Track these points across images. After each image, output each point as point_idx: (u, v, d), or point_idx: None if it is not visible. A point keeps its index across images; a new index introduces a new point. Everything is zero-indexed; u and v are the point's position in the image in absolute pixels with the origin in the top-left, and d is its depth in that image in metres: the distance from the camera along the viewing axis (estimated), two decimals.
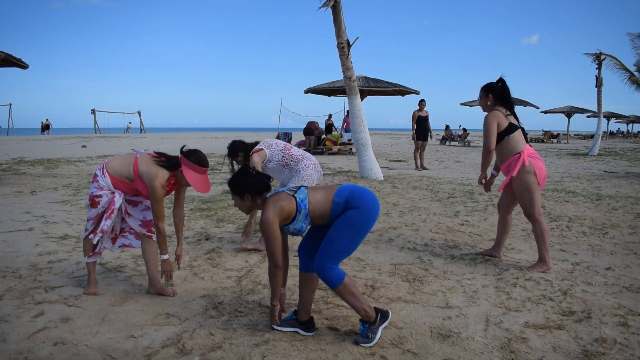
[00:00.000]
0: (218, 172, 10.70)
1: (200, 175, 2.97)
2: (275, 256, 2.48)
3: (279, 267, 2.50)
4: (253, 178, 2.57)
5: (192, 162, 2.95)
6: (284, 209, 2.47)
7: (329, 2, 8.90)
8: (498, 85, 3.85)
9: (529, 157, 3.73)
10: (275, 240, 2.46)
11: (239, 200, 2.61)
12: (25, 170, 10.58)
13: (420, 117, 11.93)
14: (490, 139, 3.74)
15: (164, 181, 2.95)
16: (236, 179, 2.60)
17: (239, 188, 2.57)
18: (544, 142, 31.75)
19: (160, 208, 2.93)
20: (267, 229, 2.44)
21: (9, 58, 8.71)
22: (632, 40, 15.84)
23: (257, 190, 2.57)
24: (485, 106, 3.90)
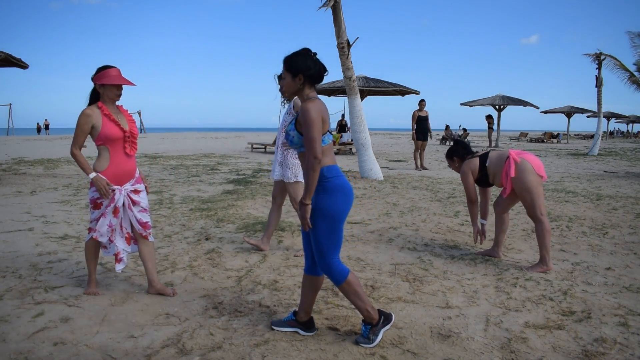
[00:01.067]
0: (218, 171, 10.71)
1: (115, 74, 3.00)
2: (316, 144, 2.29)
3: (319, 159, 2.31)
4: (314, 63, 2.40)
5: (99, 71, 3.00)
6: (324, 119, 2.37)
7: (329, 2, 8.90)
8: (456, 147, 4.21)
9: (518, 155, 3.81)
10: (317, 127, 2.29)
11: (289, 79, 2.41)
12: (25, 170, 10.58)
13: (420, 117, 11.94)
14: (469, 191, 4.03)
15: (89, 110, 2.97)
16: (297, 56, 2.40)
17: (296, 67, 2.38)
18: (544, 142, 31.76)
19: (76, 133, 2.96)
20: (311, 115, 2.29)
21: (9, 58, 8.71)
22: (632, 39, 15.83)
23: (313, 76, 2.41)
24: (456, 168, 4.21)
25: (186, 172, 10.53)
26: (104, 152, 3.04)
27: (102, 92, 3.02)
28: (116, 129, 3.01)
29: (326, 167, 2.42)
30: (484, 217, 4.25)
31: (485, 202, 4.25)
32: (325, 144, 2.43)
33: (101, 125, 2.98)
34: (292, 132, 2.46)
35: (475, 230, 4.14)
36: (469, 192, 4.01)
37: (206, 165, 12.26)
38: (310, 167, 2.32)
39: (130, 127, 3.10)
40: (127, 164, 3.10)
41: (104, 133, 2.99)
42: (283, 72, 2.45)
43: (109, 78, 2.97)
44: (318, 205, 2.41)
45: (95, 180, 2.98)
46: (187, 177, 9.68)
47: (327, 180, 2.41)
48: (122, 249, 3.18)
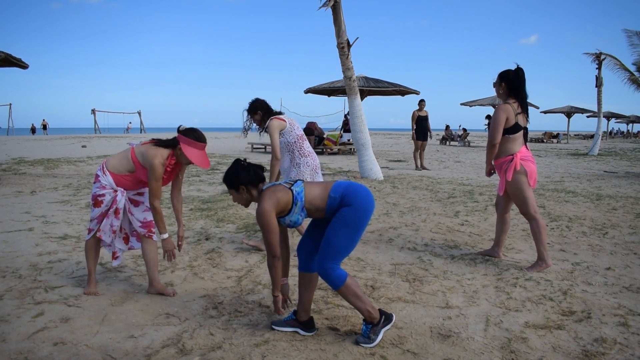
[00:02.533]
0: (218, 171, 10.70)
1: (199, 151, 2.98)
2: (273, 247, 2.48)
3: (277, 257, 2.50)
4: (245, 171, 2.57)
5: (191, 139, 2.97)
6: (281, 201, 2.47)
7: (329, 2, 8.90)
8: (513, 75, 3.75)
9: (522, 160, 3.74)
10: (272, 231, 2.46)
11: (235, 194, 2.61)
12: (25, 170, 10.58)
13: (420, 117, 11.94)
14: (496, 133, 3.71)
15: (163, 160, 2.95)
16: (229, 172, 2.59)
17: (234, 181, 2.57)
18: (544, 142, 31.74)
19: (158, 186, 2.94)
20: (263, 219, 2.44)
21: (9, 58, 8.71)
22: (630, 38, 15.79)
23: (251, 181, 2.57)
24: (498, 93, 3.85)
25: (186, 172, 10.53)
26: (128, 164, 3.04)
27: (179, 153, 3.00)
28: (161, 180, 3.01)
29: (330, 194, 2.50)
30: None
31: None
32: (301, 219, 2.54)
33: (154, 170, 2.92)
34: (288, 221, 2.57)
35: (489, 169, 3.98)
36: (495, 133, 3.69)
37: None
38: (270, 264, 2.53)
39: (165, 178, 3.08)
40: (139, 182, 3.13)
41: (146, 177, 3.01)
42: (228, 190, 2.62)
43: (191, 153, 2.93)
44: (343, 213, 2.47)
45: (164, 243, 3.05)
46: (187, 177, 9.68)
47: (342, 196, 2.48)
48: (118, 248, 3.22)
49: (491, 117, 3.92)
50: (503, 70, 3.81)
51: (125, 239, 3.27)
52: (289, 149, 4.15)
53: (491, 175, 4.05)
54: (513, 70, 3.77)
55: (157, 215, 2.97)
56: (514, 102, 3.76)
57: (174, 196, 3.23)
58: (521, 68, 3.77)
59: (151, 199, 2.95)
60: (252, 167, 2.60)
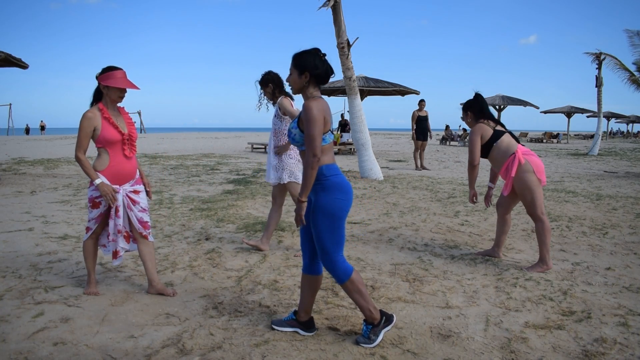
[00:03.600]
0: (218, 171, 10.71)
1: (120, 77, 2.99)
2: (316, 142, 2.32)
3: (318, 157, 2.33)
4: (322, 63, 2.43)
5: (105, 72, 2.98)
6: (326, 119, 2.39)
7: (329, 2, 8.90)
8: (473, 102, 3.99)
9: (524, 155, 3.77)
10: (318, 126, 2.31)
11: (295, 76, 2.44)
12: (25, 170, 10.58)
13: (420, 117, 11.94)
14: (473, 154, 3.89)
15: (91, 113, 2.97)
16: (306, 54, 2.44)
17: (303, 64, 2.41)
18: (544, 142, 31.75)
19: (79, 137, 2.96)
20: (312, 112, 2.31)
21: (9, 58, 8.71)
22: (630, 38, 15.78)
23: (319, 76, 2.43)
24: (467, 123, 4.06)
25: (186, 172, 10.53)
26: (103, 154, 3.05)
27: (106, 92, 3.01)
28: (115, 132, 3.02)
29: (325, 165, 2.44)
30: (493, 181, 4.19)
31: None
32: (326, 143, 2.45)
33: (101, 128, 2.98)
34: (294, 130, 2.48)
35: (472, 194, 4.06)
36: (473, 154, 3.86)
37: (206, 165, 12.26)
38: (308, 165, 2.34)
39: (129, 130, 3.11)
40: (127, 165, 3.10)
41: (103, 136, 2.99)
42: (290, 68, 2.48)
43: (113, 80, 2.97)
44: (318, 203, 2.43)
45: (100, 187, 2.98)
46: (187, 177, 9.68)
47: (326, 178, 2.43)
48: (121, 247, 3.20)
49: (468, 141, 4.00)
50: (464, 102, 4.05)
51: (127, 238, 3.25)
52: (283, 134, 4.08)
53: (475, 202, 4.10)
54: (472, 99, 4.01)
55: (82, 164, 2.98)
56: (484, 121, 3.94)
57: None
58: (479, 94, 4.03)
59: (76, 150, 2.98)
60: (328, 64, 2.47)
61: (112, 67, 3.03)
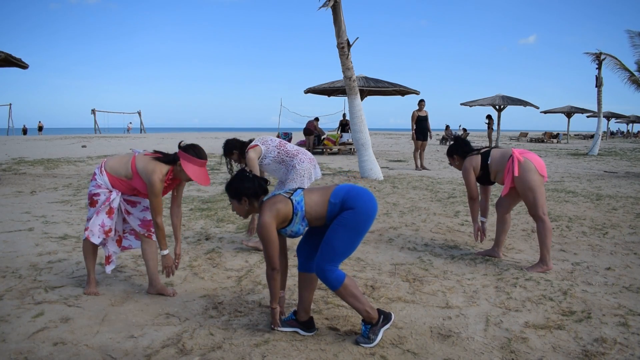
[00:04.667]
0: (218, 171, 10.70)
1: (199, 168, 2.98)
2: (272, 260, 2.48)
3: (277, 270, 2.51)
4: (250, 182, 2.57)
5: (191, 155, 2.96)
6: (280, 212, 2.47)
7: (329, 2, 8.90)
8: (455, 146, 4.18)
9: (521, 154, 3.80)
10: (272, 243, 2.45)
11: (236, 204, 2.60)
12: (25, 170, 10.58)
13: (419, 117, 11.94)
14: (470, 189, 3.98)
15: (162, 175, 2.94)
16: (233, 183, 2.59)
17: (237, 192, 2.57)
18: (544, 142, 31.75)
19: (158, 202, 2.93)
20: (264, 232, 2.44)
21: (9, 58, 8.71)
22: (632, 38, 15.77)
23: (255, 193, 2.56)
24: (457, 166, 4.18)
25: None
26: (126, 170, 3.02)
27: (178, 169, 2.99)
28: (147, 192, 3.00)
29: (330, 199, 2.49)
30: (484, 215, 4.26)
31: (485, 199, 4.26)
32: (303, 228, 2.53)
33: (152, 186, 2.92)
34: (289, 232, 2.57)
35: (476, 228, 4.14)
36: (471, 189, 3.98)
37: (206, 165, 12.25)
38: (269, 277, 2.53)
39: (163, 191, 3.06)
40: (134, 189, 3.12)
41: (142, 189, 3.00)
42: (229, 200, 2.62)
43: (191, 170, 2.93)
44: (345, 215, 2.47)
45: (163, 260, 3.04)
46: None
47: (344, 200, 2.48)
48: (112, 251, 3.19)
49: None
50: (447, 149, 4.25)
51: (119, 241, 3.24)
52: (278, 161, 4.18)
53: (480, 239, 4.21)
54: (452, 144, 4.24)
55: (159, 231, 2.96)
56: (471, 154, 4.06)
57: (173, 212, 3.21)
58: (457, 136, 4.42)
59: (153, 215, 2.95)
60: (257, 179, 2.59)
61: (200, 153, 2.99)
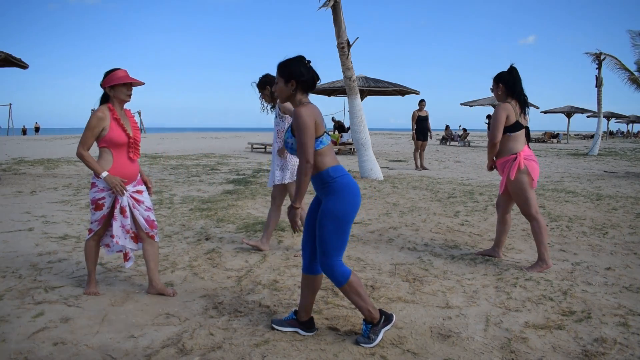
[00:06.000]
0: (218, 171, 10.71)
1: (123, 75, 2.99)
2: (308, 150, 2.34)
3: (311, 163, 2.36)
4: (307, 70, 2.44)
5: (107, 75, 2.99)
6: (317, 123, 2.39)
7: (328, 2, 8.90)
8: (507, 75, 3.80)
9: (525, 160, 3.75)
10: (310, 132, 2.33)
11: (282, 84, 2.46)
12: (25, 170, 10.58)
13: (420, 117, 11.94)
14: (496, 131, 3.72)
15: (101, 112, 2.96)
16: (291, 62, 2.45)
17: (290, 72, 2.43)
18: (544, 142, 31.74)
19: (86, 135, 2.94)
20: (304, 120, 2.32)
21: (9, 58, 8.71)
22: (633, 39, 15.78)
23: (306, 83, 2.44)
24: (497, 96, 3.87)
25: (186, 172, 10.53)
26: (105, 154, 3.03)
27: (112, 94, 3.01)
28: (122, 134, 3.01)
29: (331, 167, 2.45)
30: None
31: None
32: (324, 145, 2.46)
33: (109, 128, 2.97)
34: (289, 140, 2.52)
35: (490, 164, 3.97)
36: (495, 132, 3.71)
37: (206, 165, 12.26)
38: (301, 171, 2.37)
39: (134, 134, 3.10)
40: (130, 168, 3.10)
41: (110, 137, 2.98)
42: (277, 77, 2.49)
43: (117, 79, 2.97)
44: (327, 206, 2.43)
45: (108, 179, 2.97)
46: (187, 177, 9.68)
47: (333, 180, 2.44)
48: (130, 248, 3.19)
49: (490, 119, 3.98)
50: (497, 73, 3.85)
51: (134, 238, 3.25)
52: None
53: (492, 170, 4.05)
54: (507, 71, 3.81)
55: (85, 159, 2.96)
56: (514, 102, 3.78)
57: None
58: (514, 67, 3.81)
59: (79, 147, 2.97)
60: (314, 72, 2.48)
61: (113, 69, 3.03)
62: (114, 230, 3.09)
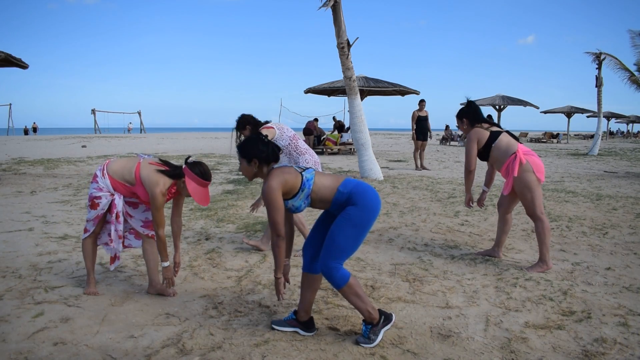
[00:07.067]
0: (218, 171, 10.70)
1: (202, 188, 2.97)
2: (277, 226, 2.43)
3: (282, 237, 2.46)
4: (264, 146, 2.53)
5: (196, 175, 2.95)
6: (288, 182, 2.44)
7: (329, 2, 8.90)
8: (467, 108, 4.02)
9: (525, 155, 3.77)
10: (277, 208, 2.42)
11: (245, 165, 2.56)
12: (25, 170, 10.58)
13: (420, 117, 11.94)
14: (469, 159, 3.93)
15: (165, 189, 2.93)
16: (248, 143, 2.54)
17: (249, 153, 2.52)
18: (544, 142, 31.73)
19: (160, 215, 2.92)
20: (269, 196, 2.40)
21: (9, 58, 8.71)
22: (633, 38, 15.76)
23: (266, 158, 2.52)
24: (464, 130, 4.09)
25: None
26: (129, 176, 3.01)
27: (182, 186, 2.99)
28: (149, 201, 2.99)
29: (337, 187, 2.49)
30: (488, 185, 4.24)
31: (492, 170, 4.20)
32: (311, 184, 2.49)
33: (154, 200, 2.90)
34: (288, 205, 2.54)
35: (468, 198, 4.13)
36: (470, 160, 3.90)
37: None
38: (274, 244, 2.47)
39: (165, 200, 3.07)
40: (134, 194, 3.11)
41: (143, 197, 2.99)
42: (239, 158, 2.57)
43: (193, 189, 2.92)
44: (350, 212, 2.46)
45: (164, 271, 3.02)
46: None
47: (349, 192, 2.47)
48: (118, 250, 3.20)
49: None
50: (458, 110, 4.08)
51: (122, 241, 3.25)
52: (285, 152, 4.16)
53: (470, 206, 4.18)
54: (466, 105, 4.06)
55: (161, 244, 2.95)
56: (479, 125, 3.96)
57: (174, 221, 3.19)
58: (471, 100, 4.11)
59: (155, 228, 2.95)
60: (272, 144, 2.55)
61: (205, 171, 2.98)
62: (112, 236, 3.11)
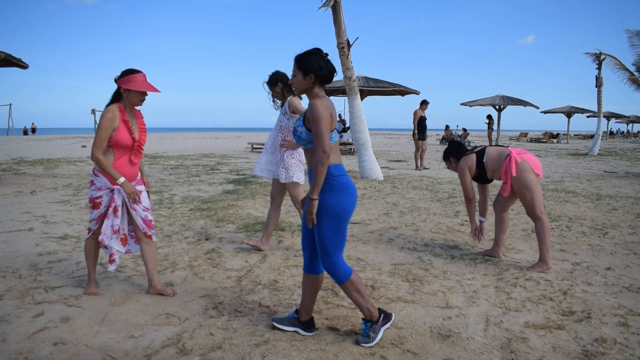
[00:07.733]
0: (218, 171, 10.71)
1: (141, 80, 2.96)
2: (325, 140, 2.32)
3: (328, 153, 2.34)
4: (326, 64, 2.44)
5: (127, 75, 2.94)
6: (331, 115, 2.39)
7: (329, 2, 8.90)
8: (449, 148, 4.22)
9: (518, 154, 3.82)
10: (325, 122, 2.32)
11: (300, 77, 2.45)
12: (25, 170, 10.58)
13: (421, 117, 11.98)
14: (466, 189, 4.01)
15: (112, 113, 2.92)
16: (309, 55, 2.44)
17: (309, 66, 2.42)
18: (544, 142, 31.74)
19: (99, 136, 2.89)
20: (318, 111, 2.32)
21: (9, 58, 8.71)
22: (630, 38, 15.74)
23: (323, 77, 2.44)
24: (453, 168, 4.19)
25: (186, 172, 10.53)
26: (107, 154, 3.01)
27: (126, 96, 2.97)
28: (128, 137, 2.99)
29: (333, 165, 2.45)
30: (483, 215, 4.29)
31: (484, 199, 4.28)
32: (332, 141, 2.45)
33: (117, 130, 2.94)
34: (300, 129, 2.49)
35: (474, 228, 4.15)
36: (467, 190, 4.01)
37: (206, 165, 12.26)
38: (319, 162, 2.35)
39: (140, 137, 3.08)
40: (130, 169, 3.09)
41: (116, 138, 2.96)
42: (294, 69, 2.48)
43: (134, 84, 2.92)
44: (324, 203, 2.43)
45: (124, 186, 2.97)
46: (187, 177, 9.68)
47: (333, 178, 2.44)
48: (116, 250, 3.18)
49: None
50: (443, 153, 4.27)
51: (123, 240, 3.23)
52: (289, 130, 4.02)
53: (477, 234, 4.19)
54: (447, 148, 4.26)
55: (101, 164, 2.92)
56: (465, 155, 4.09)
57: None
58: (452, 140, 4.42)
59: (93, 149, 2.92)
60: (331, 65, 2.48)
61: (133, 70, 2.98)
62: (103, 227, 3.07)
